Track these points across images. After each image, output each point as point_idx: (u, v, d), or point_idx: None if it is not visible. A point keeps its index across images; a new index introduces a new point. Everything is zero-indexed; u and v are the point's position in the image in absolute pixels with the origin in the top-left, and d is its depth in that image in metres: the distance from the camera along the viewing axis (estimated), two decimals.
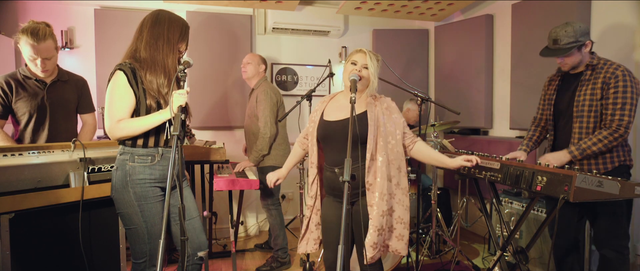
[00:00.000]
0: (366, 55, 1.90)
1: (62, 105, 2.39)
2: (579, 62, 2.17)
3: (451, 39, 4.24)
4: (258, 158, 3.09)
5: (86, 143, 1.96)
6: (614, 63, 2.10)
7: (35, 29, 2.14)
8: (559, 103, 2.31)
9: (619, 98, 2.02)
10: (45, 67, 2.23)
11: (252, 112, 3.16)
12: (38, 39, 2.14)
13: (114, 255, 2.11)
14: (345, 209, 1.46)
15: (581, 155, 2.08)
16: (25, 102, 2.26)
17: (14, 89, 2.24)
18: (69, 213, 1.88)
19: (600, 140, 2.04)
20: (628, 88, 2.01)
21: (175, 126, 1.58)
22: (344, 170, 1.50)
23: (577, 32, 2.09)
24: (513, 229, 2.25)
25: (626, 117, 2.01)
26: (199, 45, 3.82)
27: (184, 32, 1.92)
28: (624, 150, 2.13)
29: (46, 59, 2.21)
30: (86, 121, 2.56)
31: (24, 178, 1.75)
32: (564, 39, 2.11)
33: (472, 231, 4.13)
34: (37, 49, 2.15)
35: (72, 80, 2.46)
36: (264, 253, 3.63)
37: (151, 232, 1.79)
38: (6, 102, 2.25)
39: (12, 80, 2.26)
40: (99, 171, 1.98)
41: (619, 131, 2.02)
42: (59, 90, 2.37)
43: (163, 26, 1.87)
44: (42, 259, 1.85)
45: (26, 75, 2.28)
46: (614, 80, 2.04)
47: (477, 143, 3.94)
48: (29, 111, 2.27)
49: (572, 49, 2.09)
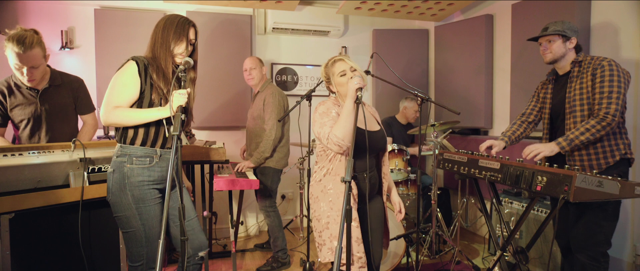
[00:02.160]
0: (345, 60, 1.90)
1: (59, 109, 2.34)
2: (561, 56, 2.20)
3: (451, 39, 4.24)
4: (260, 160, 3.09)
5: (86, 143, 1.96)
6: (601, 57, 2.11)
7: (22, 36, 2.05)
8: (554, 106, 2.32)
9: (605, 87, 2.02)
10: (32, 76, 2.15)
11: (258, 114, 3.15)
12: (24, 47, 2.05)
13: (113, 255, 2.11)
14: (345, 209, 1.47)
15: (569, 145, 2.05)
16: (21, 109, 2.23)
17: (7, 97, 2.20)
18: (69, 213, 1.88)
19: (588, 129, 2.03)
20: (614, 77, 2.01)
21: (175, 126, 1.57)
22: (345, 170, 1.50)
23: (565, 25, 2.18)
24: (513, 229, 2.25)
25: (613, 105, 1.99)
26: (199, 45, 3.80)
27: (179, 29, 1.86)
28: (625, 144, 2.11)
29: (33, 67, 2.12)
30: (86, 121, 2.53)
31: (24, 178, 1.75)
32: (551, 27, 2.21)
33: (472, 231, 4.13)
34: (22, 57, 2.07)
35: (66, 82, 2.39)
36: (264, 253, 3.63)
37: (149, 235, 1.78)
38: (2, 111, 2.22)
39: (5, 88, 2.21)
40: (99, 171, 1.98)
41: (606, 119, 2.00)
42: (52, 95, 2.31)
43: (158, 28, 1.89)
44: (42, 259, 1.85)
45: (17, 82, 2.22)
46: (600, 70, 2.05)
47: (477, 143, 3.94)
48: (24, 118, 2.25)
49: (555, 35, 2.17)
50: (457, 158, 2.43)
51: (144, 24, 3.68)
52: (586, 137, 2.03)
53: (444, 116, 4.32)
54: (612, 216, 2.08)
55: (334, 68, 1.90)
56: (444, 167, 2.56)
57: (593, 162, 2.11)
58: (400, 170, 3.40)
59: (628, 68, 2.29)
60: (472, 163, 2.28)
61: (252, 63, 3.22)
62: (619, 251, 2.78)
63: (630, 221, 2.73)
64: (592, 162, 2.11)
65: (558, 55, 2.20)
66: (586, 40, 2.95)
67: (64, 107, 2.38)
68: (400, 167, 3.41)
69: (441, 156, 2.60)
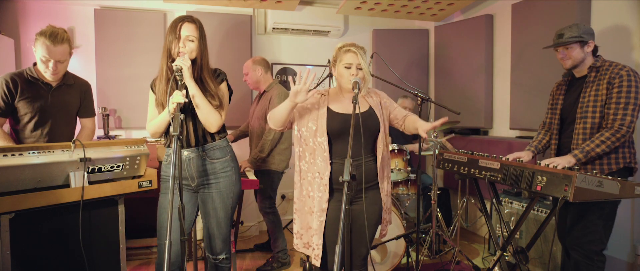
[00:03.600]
0: (357, 54, 1.90)
1: (65, 109, 2.38)
2: (581, 61, 2.18)
3: (451, 39, 4.24)
4: (256, 160, 3.08)
5: (86, 143, 1.95)
6: (620, 64, 2.09)
7: (54, 31, 2.18)
8: (565, 107, 2.31)
9: (622, 98, 2.01)
10: (56, 69, 2.23)
11: (262, 114, 3.14)
12: (55, 41, 2.16)
13: (114, 255, 2.10)
14: (345, 209, 1.47)
15: (585, 157, 2.05)
16: (28, 102, 2.25)
17: (19, 88, 2.23)
18: (69, 213, 1.88)
19: (603, 141, 2.03)
20: (632, 88, 2.00)
21: (175, 126, 1.59)
22: (345, 170, 1.50)
23: (580, 30, 2.15)
24: (513, 229, 2.25)
25: (628, 117, 2.00)
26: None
27: (173, 29, 1.92)
28: (630, 153, 2.11)
29: (59, 61, 2.22)
30: (85, 125, 2.54)
31: (24, 178, 1.74)
32: (567, 33, 2.18)
33: (472, 231, 4.13)
34: (52, 50, 2.16)
35: (77, 84, 2.45)
36: (264, 253, 3.63)
37: (159, 222, 1.97)
38: (9, 100, 2.23)
39: (18, 78, 2.24)
40: (99, 171, 1.98)
41: (621, 131, 2.01)
42: (63, 93, 2.36)
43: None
44: (42, 259, 1.84)
45: (33, 75, 2.27)
46: (618, 79, 2.03)
47: (477, 143, 3.94)
48: (30, 112, 2.26)
49: (573, 42, 2.14)
50: (457, 158, 2.43)
51: (144, 24, 3.68)
52: (602, 148, 2.03)
53: (444, 116, 4.32)
54: (609, 216, 2.07)
55: (344, 57, 1.92)
56: (444, 167, 2.56)
57: (596, 167, 2.11)
58: (400, 170, 3.40)
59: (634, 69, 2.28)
60: (472, 163, 2.28)
61: (246, 68, 3.24)
62: (619, 251, 2.78)
63: (630, 221, 2.73)
64: (595, 167, 2.12)
65: (578, 61, 2.19)
66: None
67: (69, 107, 2.41)
68: (400, 167, 3.41)
69: (441, 156, 2.60)
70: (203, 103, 1.91)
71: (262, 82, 3.23)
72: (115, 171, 2.04)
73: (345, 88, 1.95)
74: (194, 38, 1.92)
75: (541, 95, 3.17)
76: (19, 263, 1.75)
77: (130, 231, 2.33)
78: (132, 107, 3.71)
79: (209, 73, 2.00)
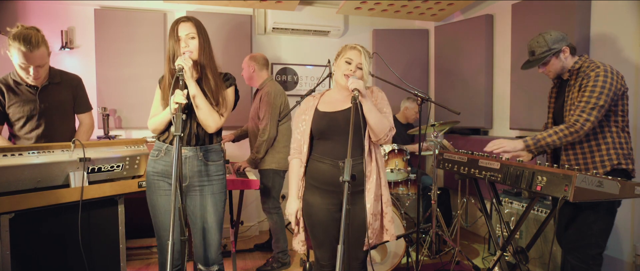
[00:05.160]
0: (361, 53, 1.90)
1: (57, 107, 2.33)
2: (562, 69, 2.19)
3: (451, 39, 4.24)
4: (254, 161, 3.07)
5: (86, 143, 1.95)
6: (595, 63, 2.07)
7: (28, 35, 2.02)
8: (556, 110, 2.33)
9: (584, 97, 2.02)
10: (38, 74, 2.14)
11: (255, 114, 3.14)
12: (31, 47, 2.03)
13: (113, 255, 2.11)
14: (345, 209, 1.47)
15: (535, 145, 2.07)
16: (18, 107, 2.20)
17: (6, 94, 2.18)
18: (69, 213, 1.88)
19: (556, 132, 2.05)
20: (597, 88, 1.99)
21: (177, 126, 1.59)
22: (345, 170, 1.50)
23: (548, 41, 2.13)
24: (513, 229, 2.25)
25: (584, 115, 1.99)
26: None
27: (172, 31, 1.94)
28: (618, 154, 2.05)
29: (38, 66, 2.11)
30: (83, 120, 2.50)
31: (24, 178, 1.74)
32: (537, 50, 2.18)
33: (472, 231, 4.13)
34: (29, 56, 2.05)
35: (65, 80, 2.37)
36: (264, 253, 3.63)
37: (156, 223, 1.95)
38: (0, 107, 2.20)
39: (3, 85, 2.19)
40: (98, 171, 1.98)
41: (574, 126, 2.01)
42: (52, 93, 2.29)
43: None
44: (42, 259, 1.84)
45: (17, 80, 2.20)
46: (586, 80, 2.05)
47: (477, 143, 3.94)
48: (22, 116, 2.22)
49: (546, 57, 2.15)
50: (457, 158, 2.43)
51: (144, 24, 3.68)
52: (553, 139, 2.04)
53: (444, 116, 4.32)
54: (605, 219, 2.04)
55: (348, 52, 1.93)
56: (444, 167, 2.56)
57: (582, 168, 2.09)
58: (400, 170, 3.40)
59: (628, 69, 2.27)
60: (472, 163, 2.28)
61: (243, 64, 3.26)
62: (619, 252, 2.78)
63: (630, 221, 2.73)
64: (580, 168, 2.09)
65: (559, 70, 2.19)
66: (586, 41, 2.95)
67: (62, 104, 2.36)
68: (400, 167, 3.41)
69: (441, 156, 2.60)
70: (203, 104, 1.91)
71: (255, 78, 3.22)
72: (115, 171, 2.04)
73: (339, 83, 1.96)
74: (194, 34, 1.92)
75: (541, 95, 3.17)
76: (18, 263, 1.75)
77: (130, 231, 2.33)
78: (132, 107, 3.70)
79: (213, 72, 1.98)
